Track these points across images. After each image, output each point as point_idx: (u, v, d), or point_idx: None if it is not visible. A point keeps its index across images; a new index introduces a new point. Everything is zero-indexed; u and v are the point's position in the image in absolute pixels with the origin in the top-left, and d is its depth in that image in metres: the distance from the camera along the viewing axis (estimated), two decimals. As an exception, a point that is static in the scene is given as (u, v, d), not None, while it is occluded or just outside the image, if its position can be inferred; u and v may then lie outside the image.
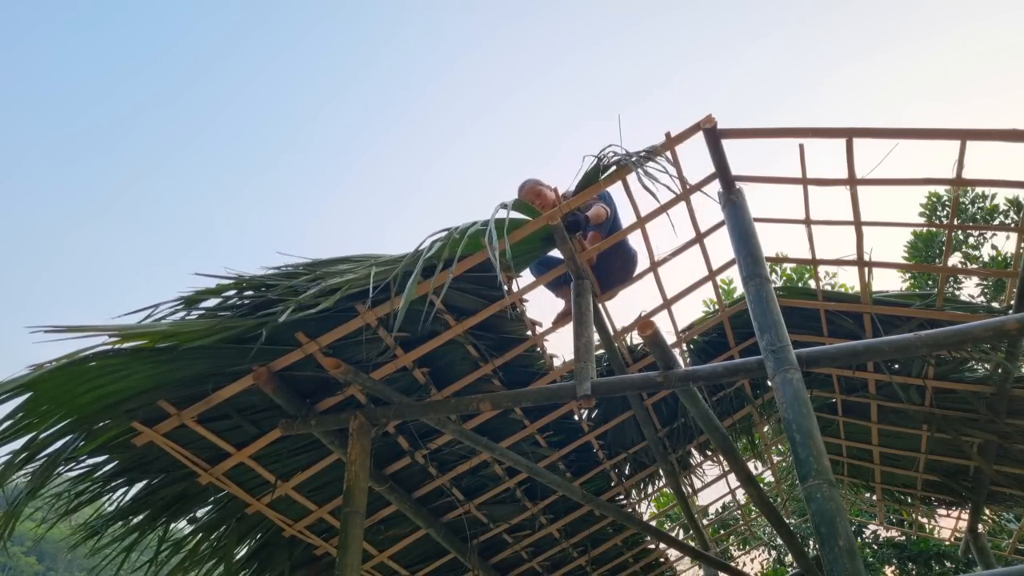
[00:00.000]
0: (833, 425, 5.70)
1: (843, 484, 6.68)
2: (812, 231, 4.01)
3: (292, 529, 4.37)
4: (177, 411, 3.42)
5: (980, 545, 6.21)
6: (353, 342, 3.50)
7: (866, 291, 4.32)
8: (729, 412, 5.39)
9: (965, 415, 4.90)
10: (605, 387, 3.45)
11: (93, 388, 3.05)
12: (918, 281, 9.30)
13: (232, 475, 3.88)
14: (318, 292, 3.08)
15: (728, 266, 4.28)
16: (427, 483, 4.66)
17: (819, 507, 2.68)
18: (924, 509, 6.59)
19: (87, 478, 3.55)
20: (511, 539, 5.49)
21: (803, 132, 3.39)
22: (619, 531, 5.94)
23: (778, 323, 3.24)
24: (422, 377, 3.90)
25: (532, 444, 4.77)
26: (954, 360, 4.63)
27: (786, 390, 3.00)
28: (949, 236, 4.30)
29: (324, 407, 3.75)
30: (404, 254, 3.23)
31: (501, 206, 3.23)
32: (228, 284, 3.26)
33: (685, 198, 3.79)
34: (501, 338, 4.00)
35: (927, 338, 3.20)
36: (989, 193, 9.49)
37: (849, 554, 2.55)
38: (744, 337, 4.80)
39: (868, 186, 3.58)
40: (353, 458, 3.59)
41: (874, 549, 9.56)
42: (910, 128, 3.26)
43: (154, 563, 3.89)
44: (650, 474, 5.65)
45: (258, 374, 3.36)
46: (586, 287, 3.79)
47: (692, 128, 3.43)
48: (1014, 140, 3.12)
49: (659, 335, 3.31)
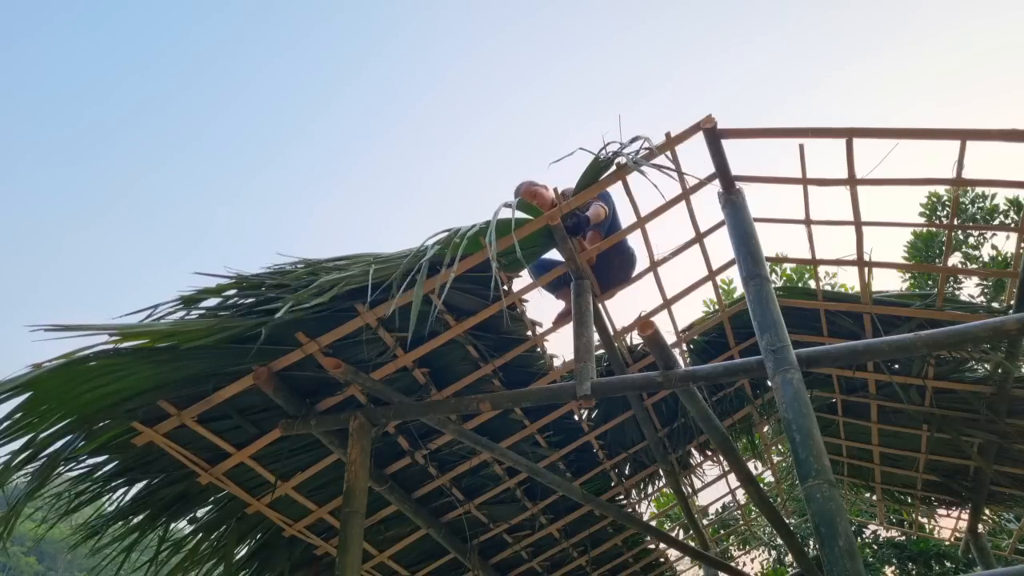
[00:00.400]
0: (833, 425, 5.70)
1: (843, 484, 6.68)
2: (812, 231, 4.01)
3: (292, 529, 4.37)
4: (177, 411, 3.42)
5: (980, 545, 6.21)
6: (353, 342, 3.50)
7: (866, 291, 4.32)
8: (729, 412, 5.39)
9: (965, 415, 4.90)
10: (605, 387, 3.45)
11: (93, 388, 3.05)
12: (918, 281, 9.30)
13: (232, 475, 3.88)
14: (317, 290, 3.08)
15: (728, 266, 4.28)
16: (427, 483, 4.66)
17: (819, 507, 2.68)
18: (924, 509, 6.59)
19: (87, 478, 3.55)
20: (511, 539, 5.49)
21: (803, 132, 3.39)
22: (619, 531, 5.94)
23: (778, 323, 3.24)
24: (422, 377, 3.90)
25: (532, 444, 4.77)
26: (954, 360, 4.63)
27: (786, 390, 3.00)
28: (949, 236, 4.29)
29: (324, 407, 3.75)
30: (403, 252, 3.23)
31: (504, 205, 3.24)
32: (228, 284, 3.27)
33: (685, 198, 3.79)
34: (501, 338, 4.00)
35: (927, 338, 3.20)
36: (989, 193, 9.48)
37: (849, 554, 2.55)
38: (744, 337, 4.80)
39: (868, 186, 3.58)
40: (353, 458, 3.59)
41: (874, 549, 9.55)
42: (910, 128, 3.26)
43: (154, 563, 3.89)
44: (650, 474, 5.65)
45: (258, 374, 3.36)
46: (586, 287, 3.79)
47: (692, 128, 3.44)
48: (1014, 140, 3.12)
49: (659, 335, 3.31)
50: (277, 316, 2.98)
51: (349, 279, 3.12)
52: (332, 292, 3.05)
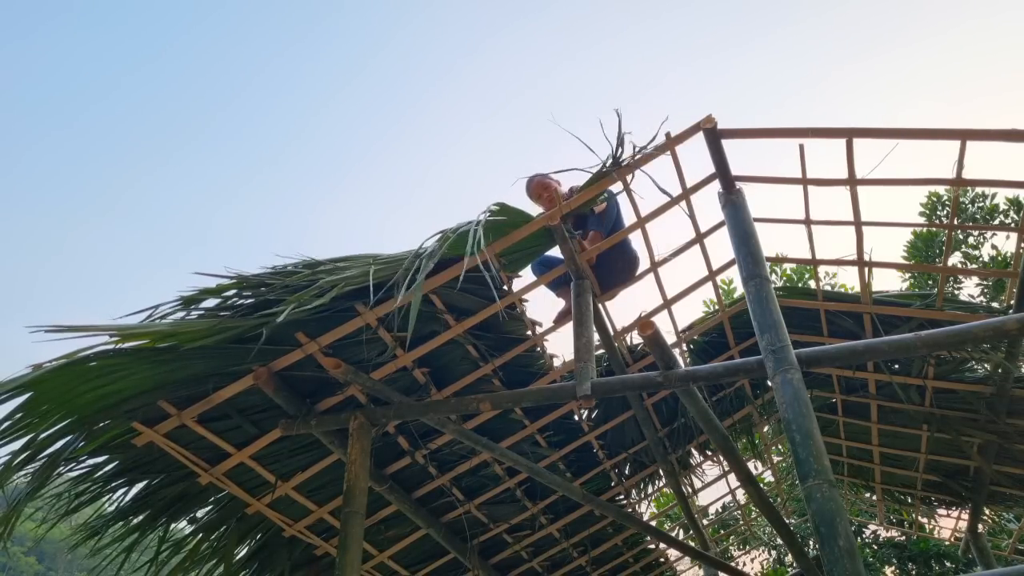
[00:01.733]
0: (833, 425, 5.70)
1: (843, 484, 6.68)
2: (812, 231, 4.01)
3: (292, 529, 4.37)
4: (177, 411, 3.42)
5: (980, 545, 6.21)
6: (353, 342, 3.50)
7: (866, 291, 4.32)
8: (729, 412, 5.39)
9: (965, 415, 4.90)
10: (605, 387, 3.45)
11: (93, 388, 3.05)
12: (918, 281, 9.29)
13: (232, 475, 3.88)
14: (317, 291, 3.08)
15: (728, 266, 4.28)
16: (427, 483, 4.66)
17: (819, 507, 2.69)
18: (924, 509, 6.59)
19: (87, 478, 3.55)
20: (511, 539, 5.49)
21: (803, 132, 3.39)
22: (619, 531, 5.94)
23: (778, 323, 3.24)
24: (422, 377, 3.90)
25: (532, 444, 4.77)
26: (954, 360, 4.63)
27: (786, 390, 3.00)
28: (949, 236, 4.30)
29: (324, 407, 3.75)
30: (403, 252, 3.23)
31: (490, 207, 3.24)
32: (228, 284, 3.26)
33: (685, 198, 3.79)
34: (501, 338, 4.00)
35: (927, 338, 3.20)
36: (989, 193, 9.48)
37: (849, 554, 2.55)
38: (744, 337, 4.80)
39: (868, 186, 3.58)
40: (353, 458, 3.59)
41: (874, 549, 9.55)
42: (910, 128, 3.26)
43: (154, 563, 3.89)
44: (650, 474, 5.65)
45: (258, 374, 3.36)
46: (586, 287, 3.79)
47: (692, 128, 3.44)
48: (1014, 140, 3.12)
49: (659, 335, 3.31)
50: (279, 318, 2.98)
51: (349, 279, 3.12)
52: (332, 292, 3.05)
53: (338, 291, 3.08)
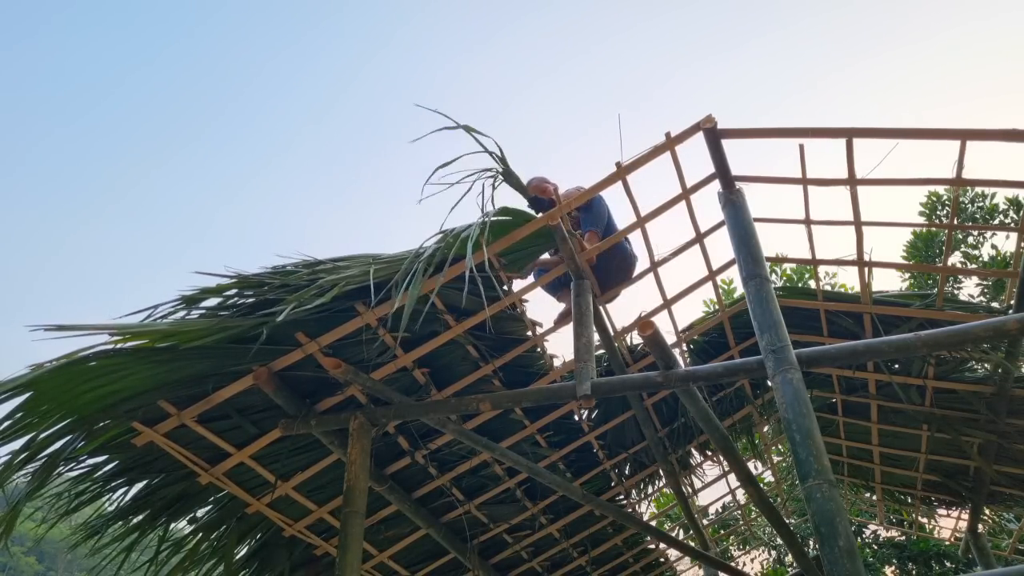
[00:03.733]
0: (833, 425, 5.70)
1: (843, 484, 6.68)
2: (812, 231, 4.01)
3: (292, 529, 4.37)
4: (177, 411, 3.42)
5: (980, 545, 6.21)
6: (353, 342, 3.50)
7: (866, 291, 4.32)
8: (729, 412, 5.39)
9: (965, 415, 4.90)
10: (605, 387, 3.45)
11: (93, 388, 3.05)
12: (918, 281, 9.29)
13: (232, 475, 3.88)
14: (317, 291, 3.08)
15: (728, 266, 4.28)
16: (427, 483, 4.66)
17: (819, 507, 2.69)
18: (924, 509, 6.58)
19: (87, 478, 3.55)
20: (511, 539, 5.49)
21: (803, 132, 3.39)
22: (619, 531, 5.94)
23: (778, 323, 3.24)
24: (422, 377, 3.90)
25: (532, 444, 4.77)
26: (954, 360, 4.63)
27: (786, 390, 3.00)
28: (949, 236, 4.30)
29: (324, 407, 3.75)
30: (404, 252, 3.23)
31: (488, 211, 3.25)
32: (228, 284, 3.26)
33: (685, 198, 3.79)
34: (501, 338, 4.00)
35: (927, 338, 3.20)
36: (989, 193, 9.48)
37: (849, 554, 2.55)
38: (744, 337, 4.80)
39: (868, 186, 3.58)
40: (353, 458, 3.59)
41: (874, 549, 9.55)
42: (910, 128, 3.26)
43: (154, 563, 3.89)
44: (650, 474, 5.65)
45: (258, 374, 3.36)
46: (586, 287, 3.79)
47: (692, 128, 3.44)
48: (1014, 140, 3.12)
49: (659, 335, 3.31)
50: (279, 318, 2.98)
51: (349, 279, 3.12)
52: (333, 292, 3.05)
53: (338, 291, 3.08)
